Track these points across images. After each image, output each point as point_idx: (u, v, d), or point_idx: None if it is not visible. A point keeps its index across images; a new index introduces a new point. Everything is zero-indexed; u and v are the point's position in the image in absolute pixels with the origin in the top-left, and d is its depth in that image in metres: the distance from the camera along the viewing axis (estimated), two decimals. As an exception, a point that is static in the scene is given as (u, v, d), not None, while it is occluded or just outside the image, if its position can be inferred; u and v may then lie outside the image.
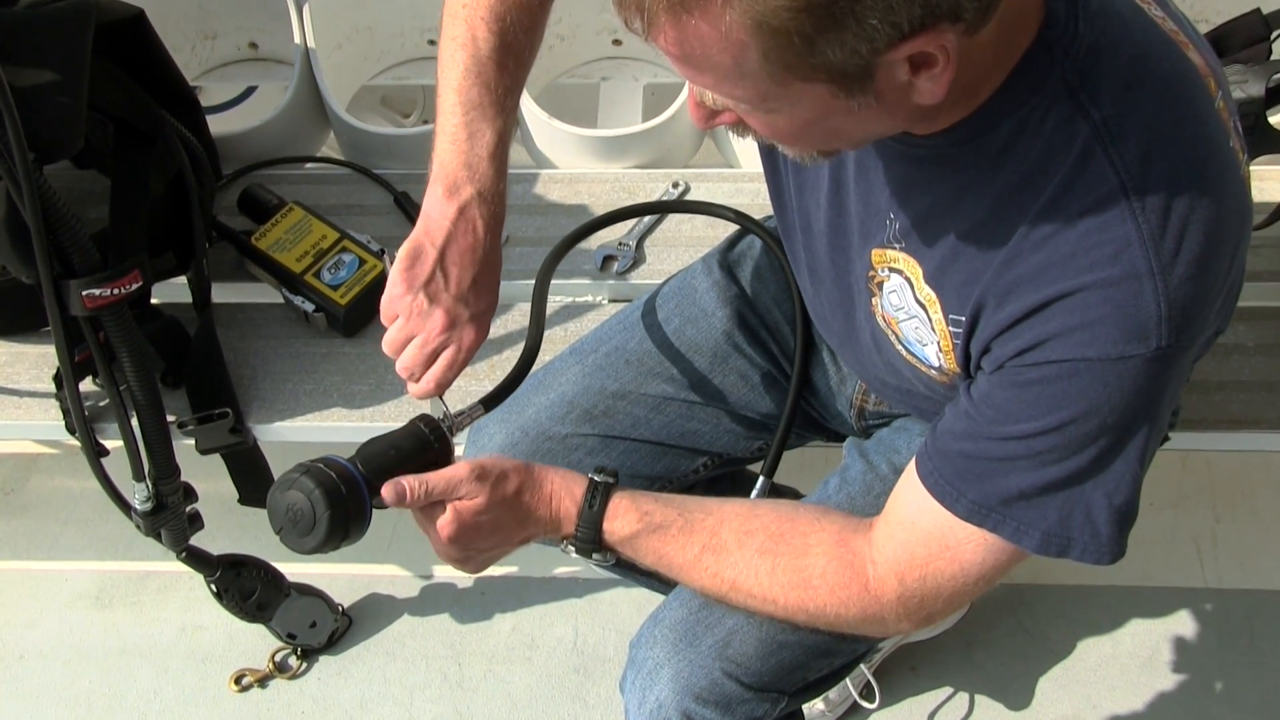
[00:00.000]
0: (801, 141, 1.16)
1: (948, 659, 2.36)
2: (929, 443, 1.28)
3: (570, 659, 2.40)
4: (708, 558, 1.37)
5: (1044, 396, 1.15)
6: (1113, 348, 1.11)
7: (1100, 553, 1.23)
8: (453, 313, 1.42)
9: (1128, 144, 1.09)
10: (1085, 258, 1.10)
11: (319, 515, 1.27)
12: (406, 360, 1.42)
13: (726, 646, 1.56)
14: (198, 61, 2.67)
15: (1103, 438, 1.16)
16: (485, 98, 1.45)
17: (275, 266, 2.06)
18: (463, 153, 1.44)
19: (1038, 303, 1.13)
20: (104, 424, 1.94)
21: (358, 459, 1.33)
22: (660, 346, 1.74)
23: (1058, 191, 1.11)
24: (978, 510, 1.23)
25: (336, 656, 2.41)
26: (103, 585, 2.54)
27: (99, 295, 1.67)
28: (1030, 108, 1.11)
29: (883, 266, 1.33)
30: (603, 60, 2.69)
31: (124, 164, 1.89)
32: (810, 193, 1.43)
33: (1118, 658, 2.37)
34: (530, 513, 1.38)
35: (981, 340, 1.20)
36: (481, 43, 1.45)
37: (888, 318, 1.36)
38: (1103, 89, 1.10)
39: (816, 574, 1.34)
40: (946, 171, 1.19)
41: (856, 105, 1.04)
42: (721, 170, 2.35)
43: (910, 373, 1.38)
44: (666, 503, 1.40)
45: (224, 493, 2.04)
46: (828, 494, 1.65)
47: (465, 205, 1.42)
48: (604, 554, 1.40)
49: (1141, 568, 2.46)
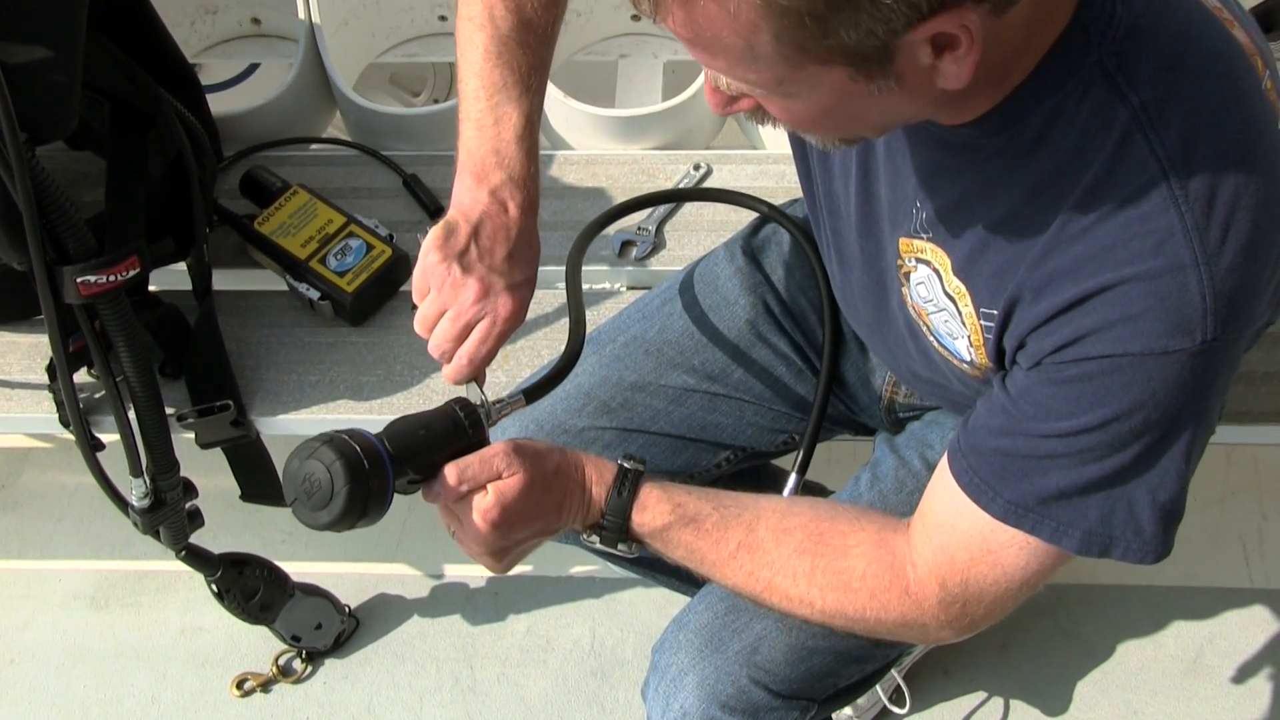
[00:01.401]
0: (822, 127, 1.15)
1: (982, 662, 2.36)
2: (961, 439, 1.27)
3: (587, 662, 2.40)
4: (743, 555, 1.36)
5: (1085, 393, 1.14)
6: (1156, 342, 1.09)
7: (1144, 551, 1.21)
8: (487, 281, 1.39)
9: (1169, 128, 1.08)
10: (1125, 249, 1.09)
11: (337, 489, 1.22)
12: (438, 336, 1.40)
13: (754, 652, 1.55)
14: (198, 38, 2.67)
15: (1147, 434, 1.15)
16: (508, 78, 1.44)
17: (279, 252, 2.06)
18: (490, 139, 1.43)
19: (1076, 296, 1.12)
20: (100, 417, 1.94)
21: (385, 435, 1.28)
22: (681, 336, 1.74)
23: (1096, 180, 1.10)
24: (1014, 511, 1.22)
25: (343, 660, 2.41)
26: (98, 585, 2.55)
27: (94, 282, 1.66)
28: (1065, 93, 1.10)
29: (910, 256, 1.32)
30: (621, 37, 2.68)
31: (121, 145, 1.89)
32: (839, 177, 1.43)
33: (1160, 661, 2.36)
34: (568, 495, 1.35)
35: (1016, 335, 1.19)
36: (500, 21, 1.44)
37: (917, 308, 1.35)
38: (1142, 71, 1.08)
39: (857, 576, 1.33)
40: (977, 159, 1.18)
41: (877, 89, 1.03)
42: (745, 152, 2.34)
43: (943, 364, 1.38)
44: (700, 495, 1.39)
45: (225, 488, 2.04)
46: (859, 490, 1.64)
47: (496, 188, 1.42)
48: (630, 545, 1.38)
49: (1185, 567, 2.45)
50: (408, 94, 2.96)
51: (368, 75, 2.72)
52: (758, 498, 1.40)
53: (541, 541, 1.39)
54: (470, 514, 1.30)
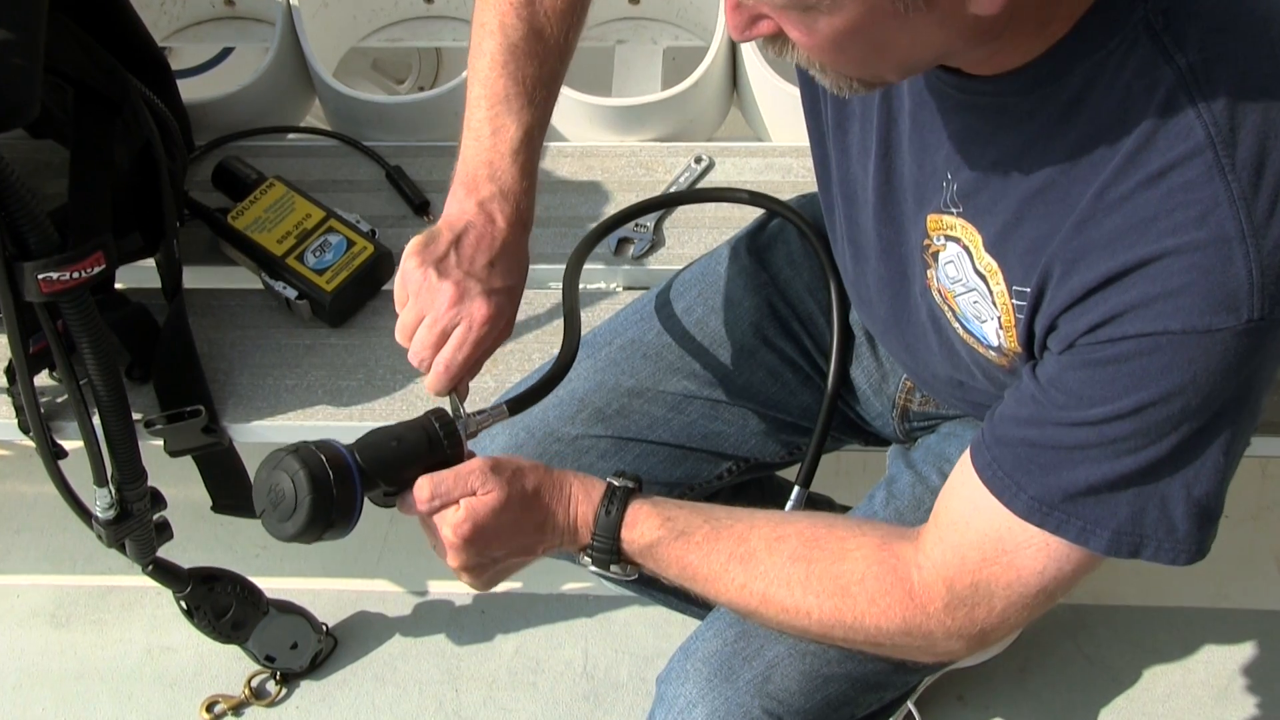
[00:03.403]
0: (844, 55, 1.12)
1: (999, 687, 2.35)
2: (987, 431, 1.27)
3: (580, 685, 2.39)
4: (735, 567, 1.36)
5: (1120, 376, 1.13)
6: (1199, 319, 1.09)
7: (1176, 551, 1.21)
8: (463, 285, 1.41)
9: (1217, 93, 1.07)
10: (1168, 220, 1.08)
11: (300, 500, 1.27)
12: (416, 344, 1.42)
13: (766, 681, 1.55)
14: (167, 20, 2.67)
15: (1185, 423, 1.14)
16: (512, 90, 1.47)
17: (254, 248, 2.06)
18: (485, 150, 1.46)
19: (1113, 271, 1.11)
20: (62, 422, 1.94)
21: (355, 447, 1.33)
22: (681, 339, 1.74)
23: (1137, 146, 1.10)
24: (1038, 508, 1.21)
25: (320, 681, 2.41)
26: (59, 602, 2.54)
27: (57, 279, 1.66)
28: (1107, 51, 1.10)
29: (939, 234, 1.32)
30: (618, 21, 2.68)
31: (85, 133, 1.88)
32: (857, 157, 1.42)
33: (1189, 687, 2.36)
34: (550, 516, 1.38)
35: (1049, 314, 1.19)
36: (510, 30, 1.47)
37: (944, 291, 1.35)
38: (1190, 31, 1.08)
39: (855, 580, 1.33)
40: (1010, 122, 1.18)
41: (904, 7, 1.02)
42: (749, 144, 2.34)
43: (968, 355, 1.37)
44: (691, 509, 1.40)
45: (196, 499, 2.04)
46: (874, 509, 1.65)
47: (484, 200, 1.44)
48: (624, 567, 1.40)
49: (1216, 586, 2.44)
50: (391, 81, 2.96)
51: (349, 61, 2.72)
52: (753, 510, 1.41)
53: (527, 561, 1.41)
54: (443, 529, 1.34)
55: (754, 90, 2.38)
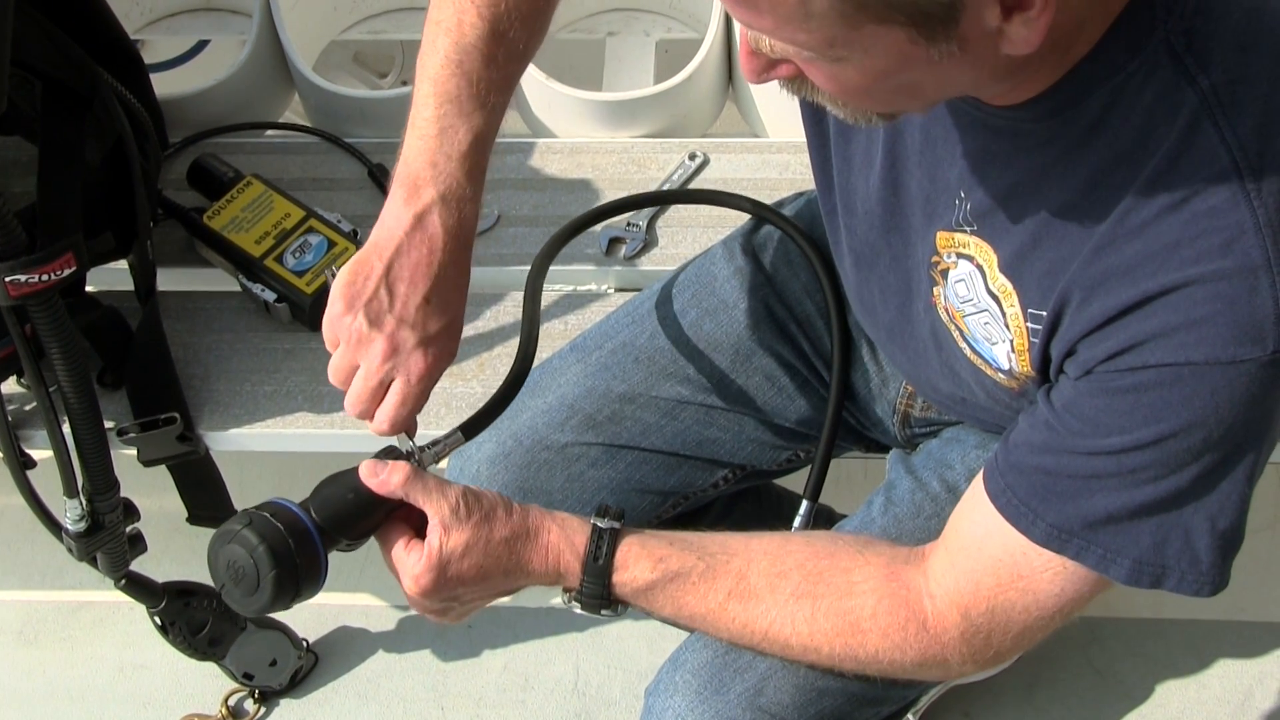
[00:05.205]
0: (870, 98, 1.13)
1: (1006, 703, 2.35)
2: (1000, 456, 1.27)
3: (570, 703, 2.40)
4: (734, 605, 1.37)
5: (1140, 406, 1.14)
6: (1222, 350, 1.09)
7: (1200, 583, 1.22)
8: (395, 338, 1.37)
9: (1242, 115, 1.08)
10: (1191, 248, 1.09)
11: (263, 575, 1.28)
12: (353, 397, 1.39)
13: (759, 695, 1.55)
14: (140, 11, 2.67)
15: (1207, 454, 1.15)
16: (464, 91, 1.42)
17: (231, 249, 2.06)
18: (430, 150, 1.40)
19: (1135, 299, 1.11)
20: (30, 431, 1.94)
21: (311, 504, 1.33)
22: (674, 342, 1.74)
23: (1159, 170, 1.10)
24: (1057, 535, 1.22)
25: (300, 700, 2.41)
26: (27, 618, 2.54)
27: (25, 282, 1.66)
28: (1127, 74, 1.10)
29: (949, 251, 1.32)
30: (609, 12, 2.69)
31: (54, 129, 1.88)
32: (859, 169, 1.43)
33: (1203, 703, 2.36)
34: (522, 566, 1.38)
35: (1065, 341, 1.19)
36: (468, 29, 1.43)
37: (951, 310, 1.35)
38: (1213, 52, 1.08)
39: (866, 615, 1.33)
40: (1029, 145, 1.18)
41: (938, 54, 1.02)
42: (745, 140, 2.35)
43: (971, 376, 1.37)
44: (683, 545, 1.40)
45: (170, 510, 2.04)
46: (872, 516, 1.64)
47: (423, 212, 1.38)
48: (614, 608, 1.41)
49: (1232, 599, 2.39)
50: (373, 75, 2.96)
51: (329, 54, 2.72)
52: (748, 539, 1.41)
53: (496, 598, 1.42)
54: (403, 578, 1.35)
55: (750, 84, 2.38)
